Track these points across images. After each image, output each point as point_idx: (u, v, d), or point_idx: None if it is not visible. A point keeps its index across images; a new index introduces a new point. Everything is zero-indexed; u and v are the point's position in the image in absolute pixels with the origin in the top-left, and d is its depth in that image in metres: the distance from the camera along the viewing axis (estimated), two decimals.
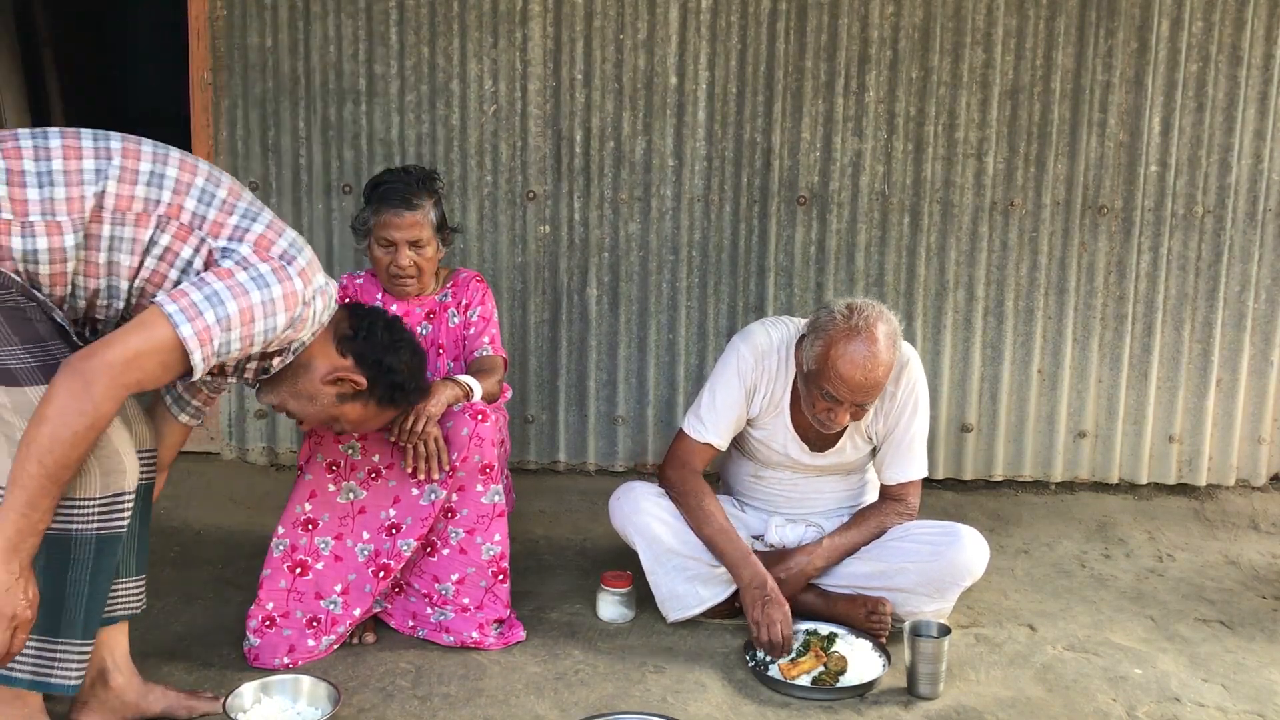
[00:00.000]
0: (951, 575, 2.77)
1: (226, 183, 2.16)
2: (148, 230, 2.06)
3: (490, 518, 2.74)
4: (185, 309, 1.98)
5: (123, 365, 1.94)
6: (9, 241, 1.99)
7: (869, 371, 2.62)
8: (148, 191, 2.06)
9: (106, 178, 2.04)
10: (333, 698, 2.39)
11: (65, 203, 2.01)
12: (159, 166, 2.08)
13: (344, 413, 2.35)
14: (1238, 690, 2.65)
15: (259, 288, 2.04)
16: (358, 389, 2.31)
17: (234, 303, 2.01)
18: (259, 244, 2.09)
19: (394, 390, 2.36)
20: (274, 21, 3.73)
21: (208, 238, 2.08)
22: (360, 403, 2.34)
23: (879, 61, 3.73)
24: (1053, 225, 3.81)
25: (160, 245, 2.07)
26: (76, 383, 1.91)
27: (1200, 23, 3.71)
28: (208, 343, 2.00)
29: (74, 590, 2.06)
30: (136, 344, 1.96)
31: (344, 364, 2.29)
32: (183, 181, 2.09)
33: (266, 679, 2.44)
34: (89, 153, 2.05)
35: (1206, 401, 3.90)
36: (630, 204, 3.82)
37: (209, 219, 2.09)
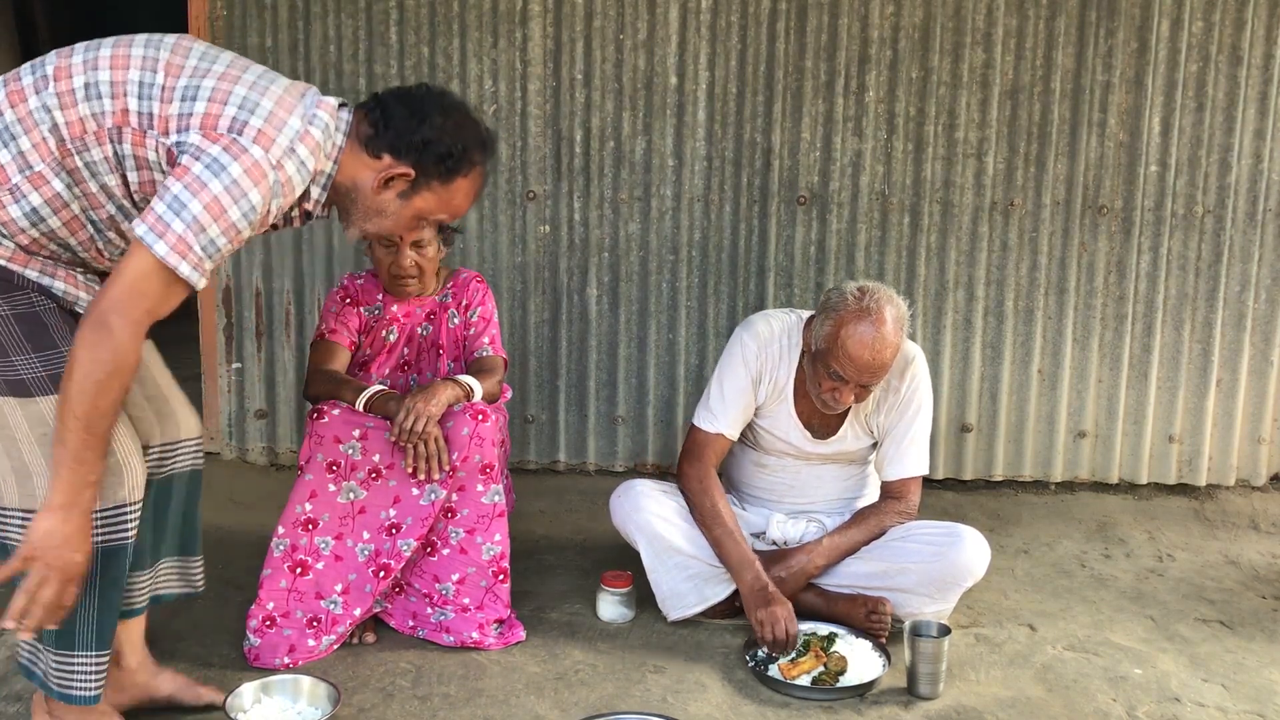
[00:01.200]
0: (953, 576, 2.77)
1: (164, 59, 1.97)
2: (108, 145, 1.95)
3: (490, 518, 2.74)
4: (153, 226, 1.87)
5: (125, 301, 1.87)
6: (9, 212, 1.95)
7: (877, 352, 2.66)
8: (89, 107, 1.93)
9: (50, 110, 1.93)
10: (333, 698, 2.39)
11: (34, 150, 1.93)
12: (91, 74, 1.94)
13: (421, 207, 2.14)
14: (1238, 690, 2.65)
15: (215, 174, 1.87)
16: (411, 179, 2.10)
17: (195, 201, 1.86)
18: (205, 125, 1.90)
19: (445, 160, 2.09)
20: (274, 21, 3.73)
21: (159, 137, 1.93)
22: (426, 190, 2.12)
23: (879, 61, 3.73)
24: (1053, 225, 3.81)
25: (127, 156, 1.96)
26: (90, 333, 1.86)
27: (1200, 23, 3.71)
28: (187, 252, 1.87)
29: (83, 604, 2.03)
30: (129, 277, 1.88)
31: (383, 164, 2.09)
32: (117, 82, 1.94)
33: (267, 679, 2.44)
34: (30, 89, 1.95)
35: (1206, 401, 3.90)
36: (630, 204, 3.82)
37: (155, 114, 1.93)
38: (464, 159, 2.12)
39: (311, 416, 2.74)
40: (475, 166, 2.15)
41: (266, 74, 2.03)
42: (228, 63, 2.00)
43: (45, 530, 1.90)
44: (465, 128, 2.13)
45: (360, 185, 2.10)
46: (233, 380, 3.94)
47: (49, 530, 1.90)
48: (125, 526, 2.07)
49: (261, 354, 3.91)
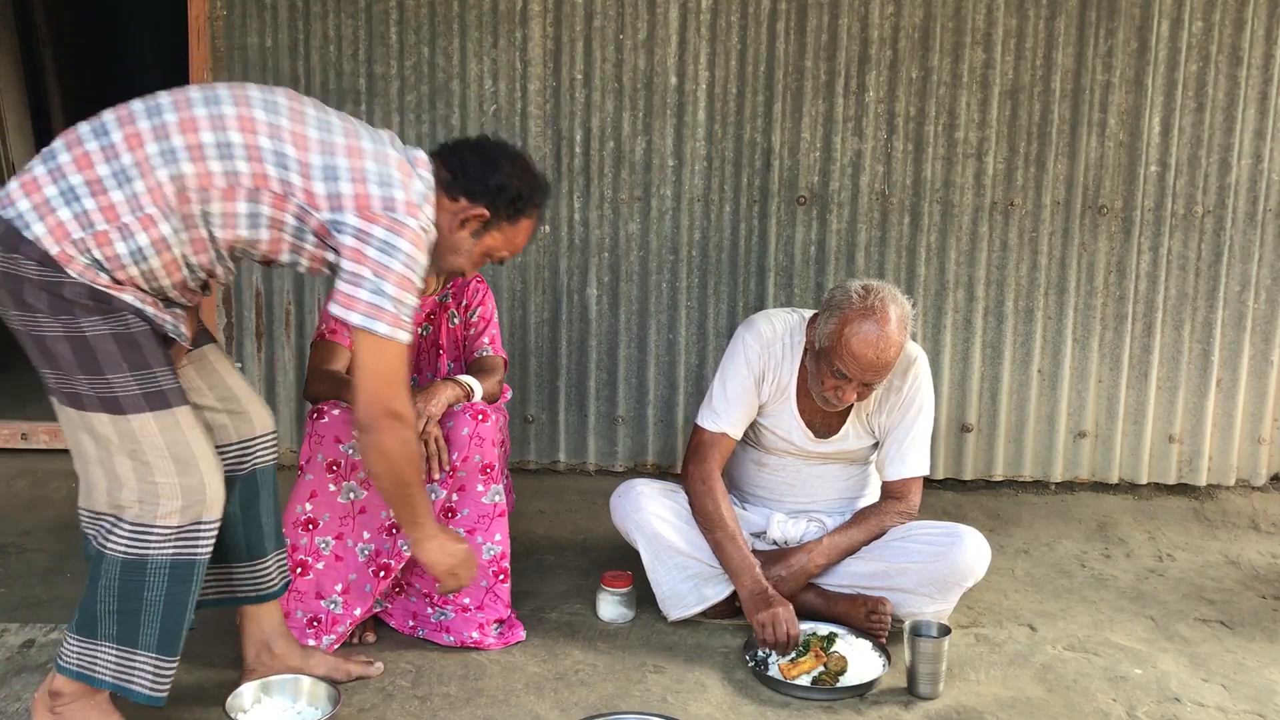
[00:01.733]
0: (953, 576, 2.77)
1: (287, 128, 2.13)
2: (237, 202, 2.11)
3: (491, 517, 2.74)
4: (367, 312, 2.11)
5: (381, 391, 2.18)
6: (115, 249, 2.06)
7: (880, 351, 2.66)
8: (223, 165, 2.08)
9: (175, 160, 2.06)
10: (333, 698, 2.39)
11: (148, 194, 2.05)
12: (220, 134, 2.09)
13: (490, 245, 2.40)
14: (1238, 690, 2.65)
15: (391, 254, 2.11)
16: (484, 219, 2.35)
17: (387, 283, 2.11)
18: (359, 206, 2.12)
19: (515, 203, 2.37)
20: (274, 21, 3.73)
21: (308, 209, 2.13)
22: (495, 230, 2.38)
23: (879, 61, 3.73)
24: (1053, 225, 3.81)
25: (263, 215, 2.13)
26: (374, 435, 2.20)
27: (1200, 23, 3.71)
28: (398, 323, 2.14)
29: (149, 610, 2.17)
30: (371, 369, 2.16)
31: (460, 205, 2.33)
32: (251, 146, 2.10)
33: (267, 679, 2.44)
34: (149, 135, 2.07)
35: (1206, 401, 3.90)
36: (630, 204, 3.82)
37: (297, 186, 2.11)
38: (529, 201, 2.41)
39: (312, 416, 2.74)
40: (537, 209, 2.45)
41: (370, 136, 2.22)
42: (342, 131, 2.18)
43: (433, 557, 2.42)
44: (530, 174, 2.43)
45: (440, 225, 2.30)
46: None
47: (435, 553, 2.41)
48: (198, 543, 2.19)
49: (261, 354, 3.91)
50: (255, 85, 2.20)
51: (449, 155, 2.35)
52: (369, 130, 2.25)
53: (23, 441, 3.96)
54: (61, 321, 2.06)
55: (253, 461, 2.43)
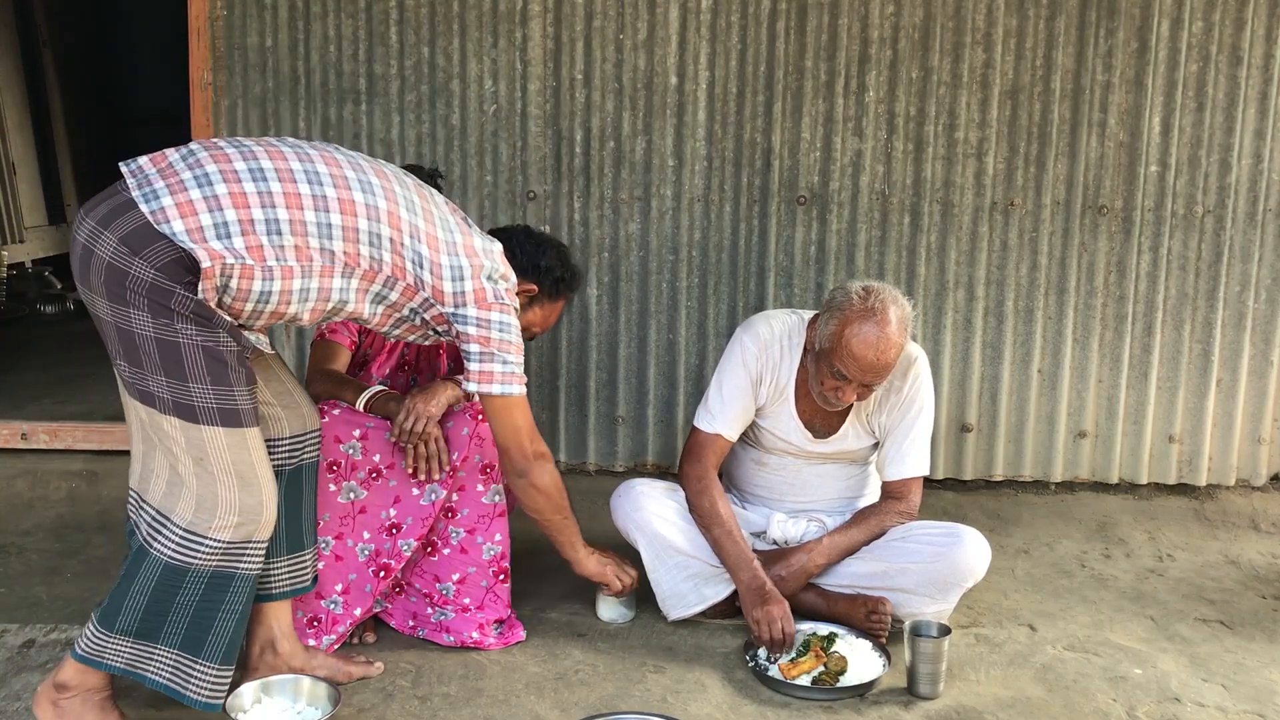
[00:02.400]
0: (953, 576, 2.77)
1: (423, 229, 2.34)
2: (373, 284, 2.31)
3: (491, 517, 2.74)
4: (504, 380, 2.41)
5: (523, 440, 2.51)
6: (253, 285, 2.18)
7: (881, 352, 2.66)
8: (371, 252, 2.27)
9: (331, 238, 2.23)
10: (333, 698, 2.39)
11: (294, 250, 2.20)
12: (374, 225, 2.27)
13: (530, 319, 2.76)
14: (1238, 690, 2.65)
15: (508, 331, 2.42)
16: (532, 295, 2.72)
17: (510, 354, 2.42)
18: (479, 300, 2.38)
19: (558, 284, 2.78)
20: (274, 21, 3.74)
21: (434, 302, 2.37)
22: (537, 306, 2.76)
23: (879, 61, 3.73)
24: (1053, 225, 3.81)
25: (388, 299, 2.35)
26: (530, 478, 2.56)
27: (1200, 23, 3.71)
28: (522, 379, 2.46)
29: (178, 611, 2.24)
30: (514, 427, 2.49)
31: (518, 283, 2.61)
32: (396, 241, 2.30)
33: (267, 679, 2.44)
34: (309, 203, 2.22)
35: (1206, 401, 3.90)
36: (630, 204, 3.82)
37: (427, 283, 2.35)
38: (569, 284, 2.82)
39: None
40: (573, 293, 2.87)
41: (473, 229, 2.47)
42: (458, 229, 2.42)
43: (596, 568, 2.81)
44: (570, 261, 2.84)
45: None
46: None
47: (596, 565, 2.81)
48: (244, 559, 2.27)
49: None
50: (392, 173, 2.38)
51: (504, 239, 2.65)
52: (463, 218, 2.49)
53: (23, 441, 3.96)
54: (158, 325, 2.13)
55: (302, 457, 2.50)
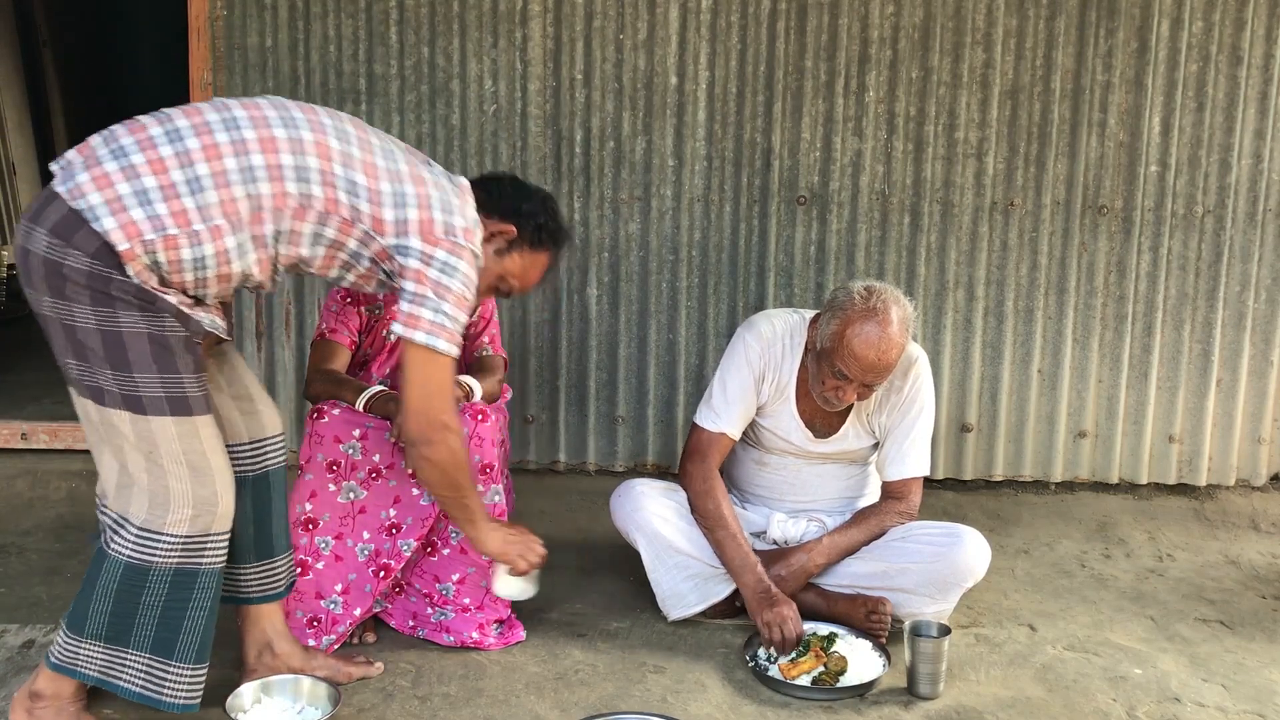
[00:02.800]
0: (953, 576, 2.77)
1: (357, 156, 2.20)
2: (306, 223, 2.17)
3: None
4: (429, 329, 2.19)
5: (436, 405, 2.27)
6: (180, 254, 2.08)
7: (882, 352, 2.67)
8: (298, 187, 2.14)
9: (254, 179, 2.11)
10: (333, 698, 2.39)
11: (219, 206, 2.09)
12: (300, 158, 2.14)
13: (508, 268, 2.50)
14: (1238, 690, 2.65)
15: (451, 275, 2.21)
16: (510, 238, 2.46)
17: (446, 302, 2.20)
18: (424, 231, 2.20)
19: (539, 231, 2.51)
20: (274, 21, 3.74)
21: (374, 234, 2.20)
22: (516, 253, 2.49)
23: (879, 61, 3.73)
24: (1053, 225, 3.81)
25: (326, 236, 2.20)
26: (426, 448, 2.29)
27: (1200, 23, 3.71)
28: (454, 338, 2.24)
29: (145, 613, 2.19)
30: (427, 382, 2.25)
31: (491, 224, 2.42)
32: (326, 172, 2.16)
33: (267, 679, 2.44)
34: (227, 149, 2.11)
35: (1206, 401, 3.90)
36: (630, 204, 3.82)
37: (365, 213, 2.19)
38: (553, 235, 2.55)
39: (312, 416, 2.74)
40: (556, 248, 2.58)
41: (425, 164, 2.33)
42: (405, 159, 2.27)
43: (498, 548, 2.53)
44: (557, 214, 2.59)
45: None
46: None
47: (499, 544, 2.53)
48: (204, 553, 2.21)
49: (261, 354, 3.91)
50: (325, 110, 2.26)
51: (486, 181, 2.51)
52: (421, 157, 2.35)
53: (23, 441, 3.96)
54: (99, 314, 2.07)
55: (265, 462, 2.46)
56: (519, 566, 2.56)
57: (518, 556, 2.55)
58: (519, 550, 2.56)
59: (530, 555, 2.57)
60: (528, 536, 2.59)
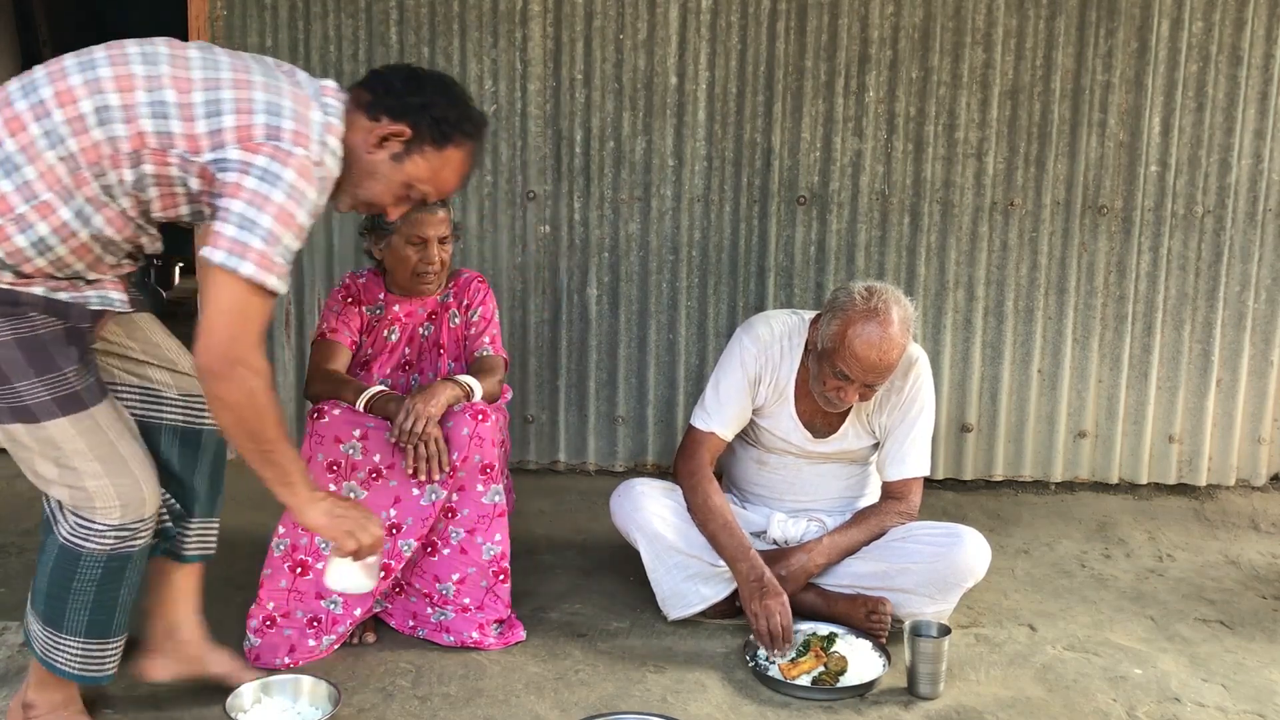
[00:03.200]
0: (953, 576, 2.77)
1: (168, 74, 1.96)
2: (125, 169, 1.96)
3: (491, 518, 2.74)
4: (231, 249, 1.90)
5: (236, 337, 1.94)
6: (15, 243, 1.93)
7: (883, 353, 2.67)
8: (104, 131, 1.93)
9: (61, 139, 1.91)
10: (333, 698, 2.39)
11: (39, 179, 1.92)
12: (99, 98, 1.93)
13: (412, 173, 2.14)
14: (1238, 690, 2.65)
15: (272, 184, 1.92)
16: (405, 139, 2.11)
17: (264, 215, 1.91)
18: (240, 138, 1.94)
19: (440, 124, 2.13)
20: (274, 21, 3.74)
21: (189, 156, 1.95)
22: (418, 155, 2.13)
23: (879, 61, 3.73)
24: (1053, 225, 3.82)
25: (146, 176, 1.97)
26: (215, 385, 1.96)
27: (1200, 23, 3.71)
28: (271, 265, 1.92)
29: (76, 598, 2.14)
30: (224, 312, 1.93)
31: (380, 124, 2.10)
32: (129, 105, 1.94)
33: (266, 679, 2.44)
34: (29, 116, 1.92)
35: (1206, 401, 3.90)
36: (630, 204, 3.82)
37: (177, 134, 1.94)
38: (458, 126, 2.14)
39: (312, 416, 2.74)
40: (468, 140, 2.16)
41: (266, 69, 2.05)
42: (230, 65, 2.01)
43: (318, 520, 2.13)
44: (461, 100, 2.17)
45: (355, 149, 2.10)
46: None
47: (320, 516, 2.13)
48: (137, 538, 2.14)
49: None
50: (134, 40, 2.02)
51: (372, 77, 2.16)
52: (266, 64, 2.07)
53: None
54: None
55: (202, 420, 2.33)
56: (345, 546, 2.15)
57: (345, 534, 2.14)
58: (347, 527, 2.15)
59: (363, 535, 2.15)
60: (361, 512, 2.20)
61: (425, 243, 2.84)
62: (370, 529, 2.16)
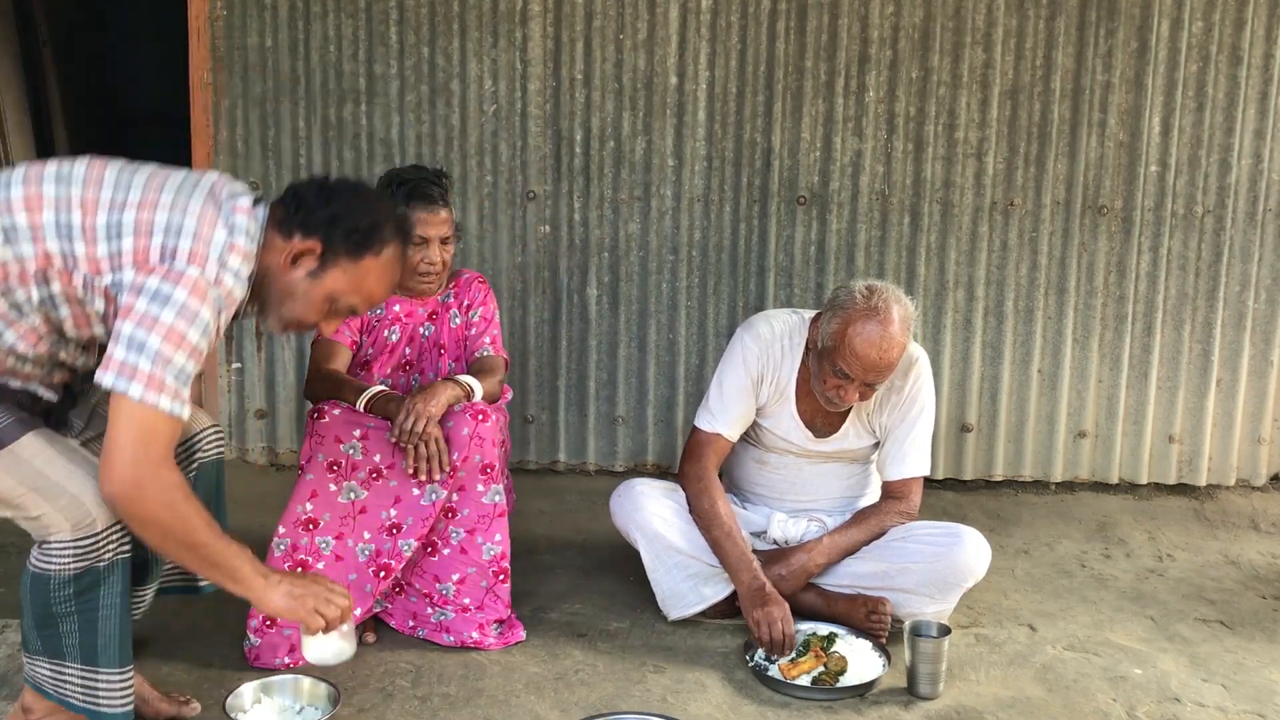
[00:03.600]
0: (953, 576, 2.77)
1: (77, 195, 1.98)
2: (33, 288, 1.97)
3: (491, 518, 2.74)
4: (120, 371, 1.89)
5: (134, 460, 1.91)
6: None
7: (884, 351, 2.67)
8: (11, 251, 1.95)
9: None
10: (333, 698, 2.39)
11: None
12: (6, 218, 1.96)
13: (332, 288, 2.10)
14: (1238, 690, 2.65)
15: (163, 305, 1.90)
16: (318, 254, 2.07)
17: (153, 336, 1.89)
18: (137, 260, 1.93)
19: (352, 234, 2.07)
20: (274, 21, 3.74)
21: (91, 277, 1.96)
22: (335, 269, 2.08)
23: (879, 61, 3.73)
24: (1053, 225, 3.82)
25: (56, 295, 1.98)
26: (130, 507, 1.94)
27: (1200, 23, 3.71)
28: (161, 388, 1.90)
29: (64, 622, 2.04)
30: (123, 435, 1.91)
31: (292, 243, 2.07)
32: (35, 226, 1.96)
33: (267, 679, 2.44)
34: None
35: (1206, 401, 3.90)
36: (630, 204, 3.82)
37: (80, 255, 1.95)
38: (372, 235, 2.10)
39: (312, 416, 2.74)
40: (386, 245, 2.12)
41: (183, 186, 2.04)
42: (142, 186, 2.01)
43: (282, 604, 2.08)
44: (376, 207, 2.14)
45: (271, 268, 2.09)
46: (233, 380, 3.94)
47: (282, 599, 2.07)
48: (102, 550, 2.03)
49: (261, 354, 3.91)
50: (57, 160, 2.04)
51: (287, 193, 2.13)
52: (188, 180, 2.06)
53: None
54: None
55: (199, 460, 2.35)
56: (312, 624, 2.09)
57: (309, 613, 2.08)
58: (310, 605, 2.09)
59: (328, 609, 2.10)
60: (321, 584, 2.14)
61: (427, 242, 2.84)
62: (335, 600, 2.11)
